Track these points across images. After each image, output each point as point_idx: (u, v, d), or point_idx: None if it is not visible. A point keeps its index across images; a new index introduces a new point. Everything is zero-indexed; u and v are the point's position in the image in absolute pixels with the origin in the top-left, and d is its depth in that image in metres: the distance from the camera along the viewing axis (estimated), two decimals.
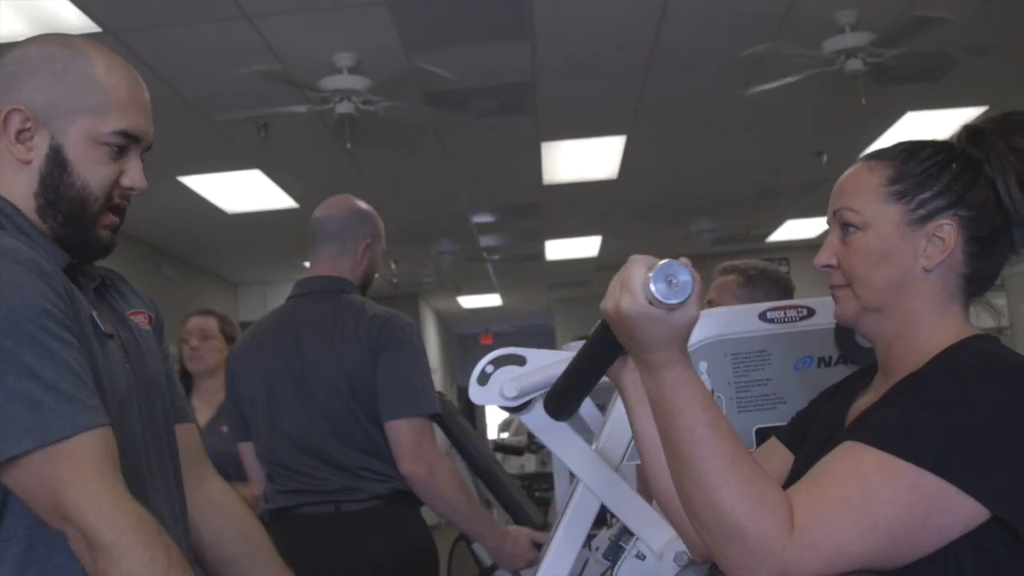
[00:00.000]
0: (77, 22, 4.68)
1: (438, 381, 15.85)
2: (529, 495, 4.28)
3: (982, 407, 1.20)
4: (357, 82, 5.56)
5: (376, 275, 3.03)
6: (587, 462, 1.67)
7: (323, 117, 5.82)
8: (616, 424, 1.84)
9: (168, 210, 8.19)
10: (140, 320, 1.71)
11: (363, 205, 3.01)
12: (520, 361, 1.78)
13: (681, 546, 1.73)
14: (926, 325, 1.36)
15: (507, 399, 1.70)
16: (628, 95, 6.48)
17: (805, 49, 5.46)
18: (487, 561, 3.27)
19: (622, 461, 1.83)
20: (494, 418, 19.46)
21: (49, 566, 1.42)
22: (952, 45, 5.47)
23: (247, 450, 2.91)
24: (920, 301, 1.36)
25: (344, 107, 5.62)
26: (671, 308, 1.13)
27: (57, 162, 1.51)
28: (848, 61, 5.41)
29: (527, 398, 1.71)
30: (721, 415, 1.23)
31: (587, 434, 2.84)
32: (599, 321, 1.27)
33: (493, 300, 16.20)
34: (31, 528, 1.41)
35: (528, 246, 11.58)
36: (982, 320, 1.43)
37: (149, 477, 1.59)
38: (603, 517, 2.30)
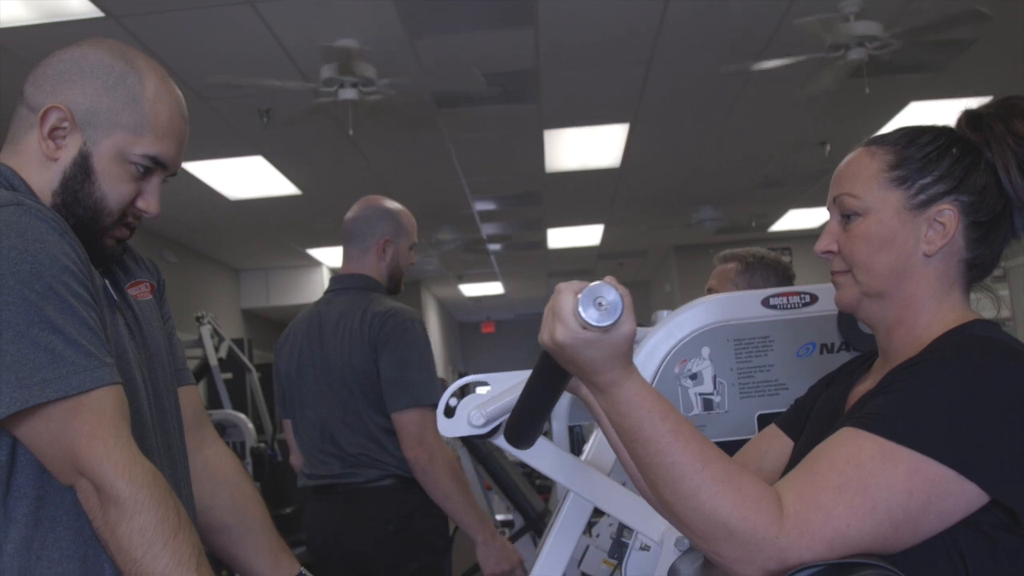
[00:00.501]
0: (80, 7, 4.67)
1: (440, 368, 15.87)
2: (530, 483, 4.28)
3: (980, 392, 1.20)
4: (361, 68, 5.56)
5: (403, 273, 3.23)
6: (572, 471, 1.66)
7: (326, 104, 5.81)
8: None
9: (170, 196, 8.12)
10: (141, 290, 1.74)
11: (386, 204, 3.21)
12: (485, 386, 1.78)
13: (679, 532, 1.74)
14: (927, 310, 1.36)
15: (476, 427, 1.70)
16: (631, 83, 6.47)
17: (808, 40, 5.45)
18: None
19: None
20: None
21: (58, 525, 1.43)
22: (955, 35, 5.46)
23: (288, 426, 3.18)
24: (921, 286, 1.36)
25: (347, 93, 5.62)
26: (605, 330, 1.13)
27: (83, 168, 1.54)
28: (852, 51, 5.40)
29: (496, 423, 1.71)
30: (682, 419, 1.22)
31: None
32: (541, 352, 1.26)
33: (495, 288, 16.20)
34: (40, 487, 1.42)
35: (530, 234, 11.58)
36: (983, 309, 1.42)
37: (155, 449, 1.60)
38: None
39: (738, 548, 1.16)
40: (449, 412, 1.72)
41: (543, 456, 1.64)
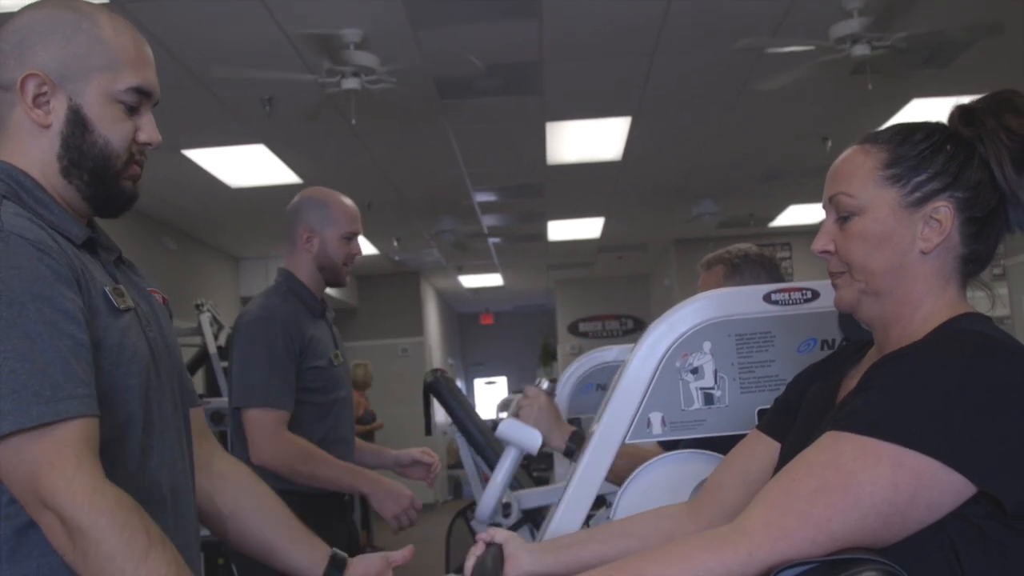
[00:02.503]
0: None
1: (438, 359, 15.88)
2: (527, 474, 4.28)
3: (960, 384, 1.21)
4: (364, 58, 5.55)
5: (337, 264, 3.09)
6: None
7: (329, 93, 5.81)
8: (616, 403, 1.85)
9: (171, 183, 8.18)
10: (157, 297, 1.76)
11: (313, 193, 3.13)
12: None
13: None
14: (924, 306, 1.37)
15: None
16: (634, 76, 6.47)
17: (811, 35, 5.45)
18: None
19: (625, 437, 1.84)
20: (486, 398, 19.52)
21: (36, 550, 1.42)
22: (958, 31, 5.46)
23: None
24: (918, 283, 1.37)
25: (350, 83, 5.61)
26: None
27: (78, 122, 1.54)
28: (854, 47, 5.40)
29: None
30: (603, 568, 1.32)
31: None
32: None
33: (494, 280, 16.21)
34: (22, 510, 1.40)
35: (530, 226, 11.57)
36: (979, 305, 1.43)
37: (171, 447, 1.63)
38: (601, 500, 2.31)
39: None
40: None
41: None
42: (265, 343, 2.87)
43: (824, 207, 1.44)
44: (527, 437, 2.30)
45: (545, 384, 2.54)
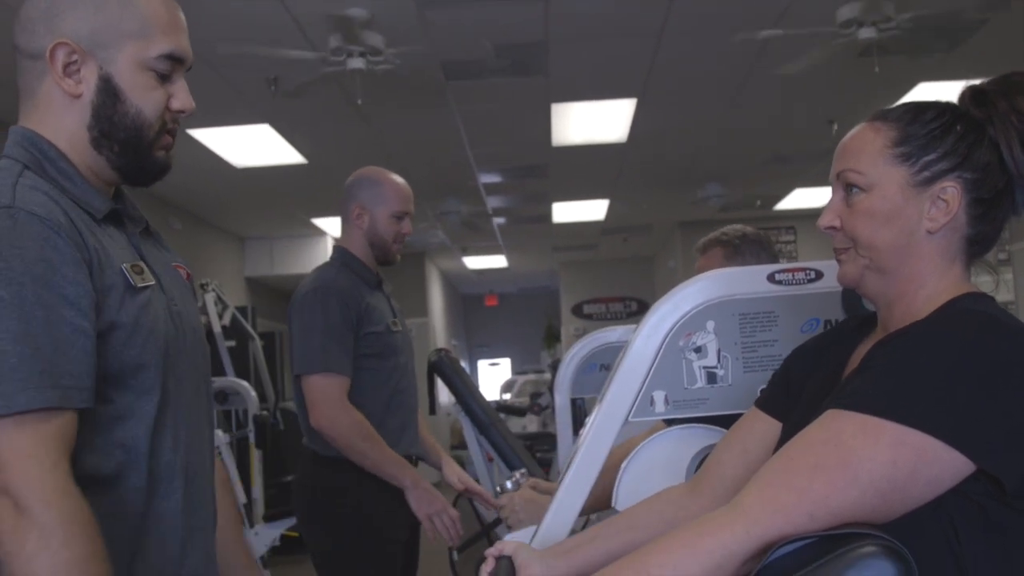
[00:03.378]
0: None
1: (442, 339, 15.90)
2: (532, 455, 4.30)
3: (964, 364, 1.21)
4: (369, 37, 5.54)
5: (387, 241, 3.21)
6: None
7: (335, 72, 5.80)
8: (620, 382, 1.85)
9: (176, 163, 8.06)
10: (182, 272, 1.74)
11: (367, 172, 3.24)
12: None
13: None
14: (928, 285, 1.38)
15: None
16: (640, 58, 6.45)
17: (818, 17, 5.43)
18: (488, 517, 3.30)
19: (628, 415, 1.84)
20: (489, 380, 19.55)
21: None
22: (966, 11, 5.44)
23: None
24: (923, 262, 1.37)
25: (355, 63, 5.61)
26: None
27: (109, 92, 1.51)
28: (861, 30, 5.38)
29: None
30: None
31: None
32: None
33: (499, 261, 16.21)
34: None
35: (535, 207, 11.57)
36: (984, 288, 1.44)
37: (189, 426, 1.60)
38: None
39: (733, 565, 1.23)
40: None
41: None
42: (322, 312, 3.00)
43: (831, 183, 1.45)
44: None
45: (509, 484, 2.57)
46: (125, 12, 1.51)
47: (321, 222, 11.20)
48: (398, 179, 3.23)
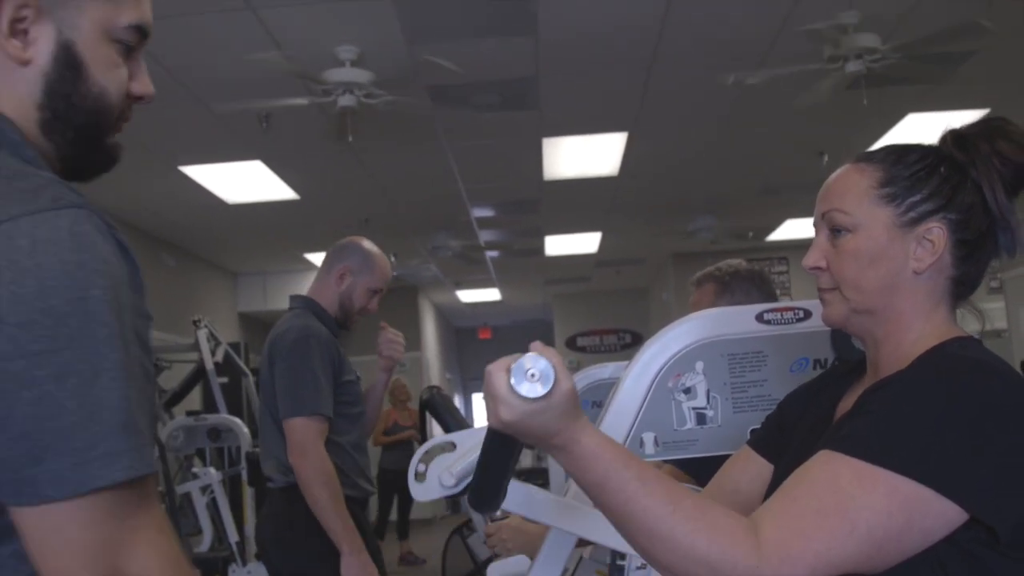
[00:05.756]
0: None
1: (435, 374, 15.87)
2: None
3: (955, 410, 1.21)
4: (360, 75, 5.57)
5: (354, 308, 3.35)
6: (552, 509, 1.67)
7: (325, 109, 5.82)
8: (609, 423, 1.85)
9: (169, 199, 8.19)
10: None
11: (363, 243, 3.40)
12: (450, 447, 1.81)
13: None
14: (915, 327, 1.37)
15: (447, 488, 1.72)
16: (631, 92, 6.49)
17: (808, 49, 5.47)
18: (481, 555, 3.29)
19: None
20: (481, 413, 19.42)
21: None
22: (953, 47, 5.48)
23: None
24: (909, 303, 1.37)
25: (346, 100, 5.63)
26: (545, 398, 1.15)
27: (69, 63, 1.15)
28: (850, 62, 5.41)
29: (467, 481, 1.73)
30: (644, 465, 1.23)
31: None
32: (487, 427, 1.26)
33: (492, 294, 16.20)
34: None
35: (528, 241, 11.58)
36: (968, 324, 1.43)
37: None
38: None
39: None
40: (420, 477, 1.76)
41: (520, 503, 1.64)
42: (312, 358, 3.15)
43: (815, 224, 1.45)
44: (519, 567, 2.34)
45: (498, 513, 2.58)
46: None
47: (314, 257, 11.21)
48: (386, 261, 3.41)
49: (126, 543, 1.01)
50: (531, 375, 1.14)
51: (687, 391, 1.82)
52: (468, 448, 1.76)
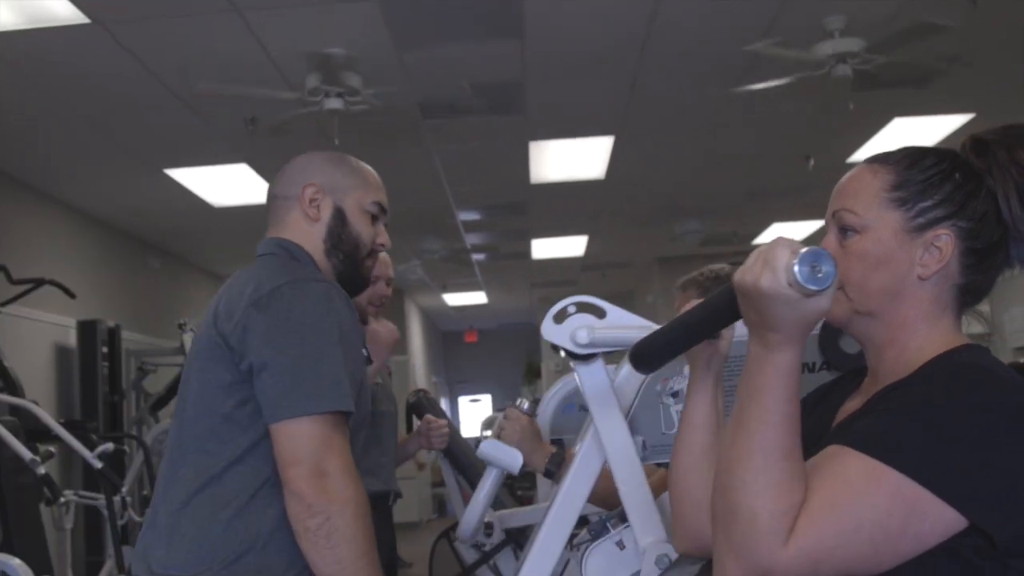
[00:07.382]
0: (66, 13, 4.66)
1: (421, 378, 15.85)
2: (511, 493, 4.27)
3: (965, 417, 1.20)
4: (347, 78, 5.56)
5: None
6: (620, 436, 1.67)
7: (312, 113, 5.81)
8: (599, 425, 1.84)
9: (154, 202, 8.16)
10: None
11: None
12: (599, 313, 1.79)
13: (666, 548, 1.74)
14: (918, 333, 1.36)
15: (577, 345, 1.71)
16: (617, 96, 6.49)
17: (795, 54, 5.48)
18: (468, 559, 3.28)
19: (604, 463, 1.83)
20: (470, 416, 19.45)
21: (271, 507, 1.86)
22: (939, 52, 5.50)
23: None
24: (913, 309, 1.36)
25: (333, 103, 5.61)
26: (809, 294, 1.14)
27: (340, 219, 2.12)
28: (837, 66, 5.43)
29: (595, 351, 1.71)
30: (798, 414, 1.22)
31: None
32: (723, 287, 1.26)
33: (478, 298, 16.20)
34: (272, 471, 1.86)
35: (514, 244, 11.58)
36: (973, 326, 1.43)
37: None
38: (584, 520, 2.30)
39: (745, 540, 1.18)
40: (560, 317, 1.74)
41: (605, 408, 1.67)
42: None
43: (826, 222, 1.43)
44: (508, 458, 2.31)
45: (526, 405, 2.55)
46: (353, 174, 2.17)
47: None
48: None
49: (327, 451, 1.81)
50: (814, 267, 1.13)
51: (675, 395, 1.82)
52: (618, 323, 1.73)
